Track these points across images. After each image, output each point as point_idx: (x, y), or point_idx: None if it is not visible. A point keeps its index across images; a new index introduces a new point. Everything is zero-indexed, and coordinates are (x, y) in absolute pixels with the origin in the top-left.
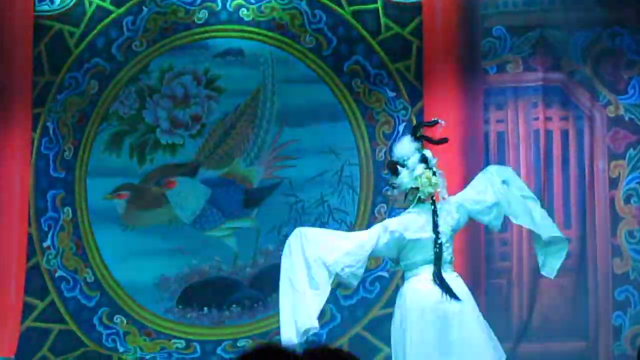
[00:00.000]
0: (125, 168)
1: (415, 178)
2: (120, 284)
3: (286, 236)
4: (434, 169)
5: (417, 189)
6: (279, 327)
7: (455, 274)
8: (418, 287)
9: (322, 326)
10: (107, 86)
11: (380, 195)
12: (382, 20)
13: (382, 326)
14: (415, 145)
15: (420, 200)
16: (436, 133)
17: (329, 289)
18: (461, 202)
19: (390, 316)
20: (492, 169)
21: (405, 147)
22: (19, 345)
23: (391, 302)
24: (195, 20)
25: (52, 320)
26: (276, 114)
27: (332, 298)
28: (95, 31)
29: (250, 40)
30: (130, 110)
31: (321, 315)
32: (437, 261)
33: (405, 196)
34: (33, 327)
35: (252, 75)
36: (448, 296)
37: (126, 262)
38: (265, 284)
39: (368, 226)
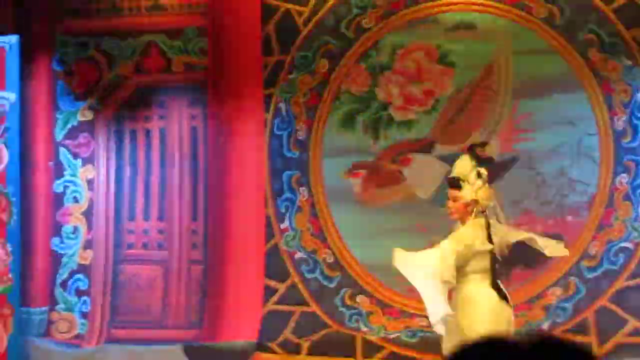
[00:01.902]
0: (360, 146)
1: (475, 192)
2: (360, 263)
3: (527, 210)
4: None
5: (477, 201)
6: (523, 302)
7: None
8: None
9: (567, 299)
10: (338, 64)
11: (621, 165)
12: None
13: (628, 297)
14: (472, 162)
15: (478, 213)
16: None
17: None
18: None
19: (636, 287)
20: None
21: (465, 164)
22: (261, 328)
23: (636, 273)
24: None
25: (294, 303)
26: (511, 87)
27: (576, 270)
28: (323, 9)
29: (482, 14)
30: (362, 87)
31: (565, 288)
32: (493, 270)
33: (466, 209)
34: (274, 310)
35: (485, 49)
36: (505, 302)
37: (364, 241)
38: (507, 259)
39: (610, 198)
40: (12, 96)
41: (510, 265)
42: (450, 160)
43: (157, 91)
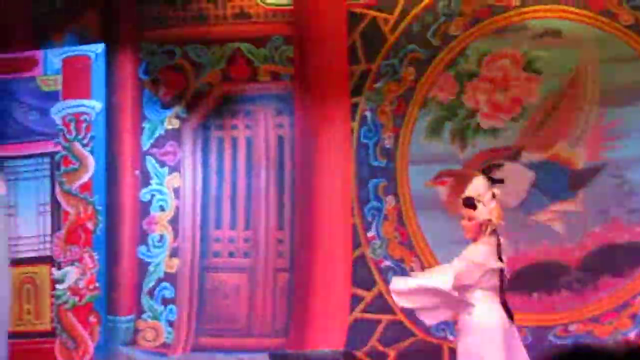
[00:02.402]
0: (447, 154)
1: (490, 212)
2: None
3: (614, 218)
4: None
5: (490, 221)
6: (610, 310)
7: None
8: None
9: None
10: (425, 72)
11: None
12: None
13: None
14: (487, 183)
15: (491, 232)
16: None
17: None
18: None
19: None
20: None
21: (481, 185)
22: (347, 336)
23: None
24: (512, 2)
25: (381, 311)
26: (598, 94)
27: None
28: (409, 17)
29: (568, 21)
30: (449, 95)
31: None
32: (502, 288)
33: (480, 228)
34: (361, 319)
35: (571, 56)
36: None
37: (452, 249)
38: (594, 267)
39: None
40: (98, 105)
41: (598, 273)
42: (537, 168)
43: (244, 99)
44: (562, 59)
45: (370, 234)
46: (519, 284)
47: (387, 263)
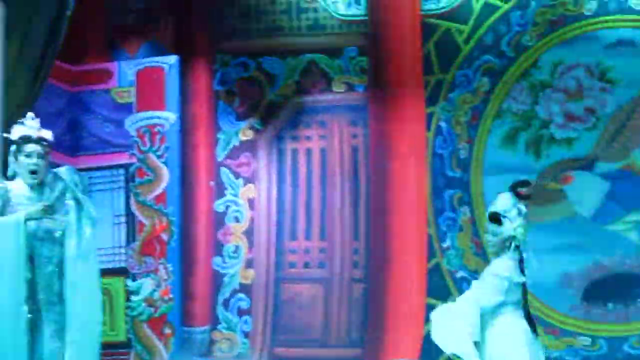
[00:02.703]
0: (521, 164)
1: (515, 228)
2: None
3: None
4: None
5: (514, 237)
6: None
7: None
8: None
9: None
10: (498, 82)
11: None
12: None
13: None
14: (513, 200)
15: (515, 248)
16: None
17: None
18: None
19: None
20: None
21: (507, 201)
22: (422, 347)
23: None
24: (584, 12)
25: None
26: None
27: None
28: (483, 27)
29: None
30: (523, 105)
31: None
32: (526, 302)
33: (504, 243)
34: None
35: None
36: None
37: (526, 258)
38: None
39: None
40: (172, 116)
41: None
42: (611, 178)
43: (318, 110)
44: (635, 68)
45: (445, 245)
46: (594, 294)
47: (462, 273)
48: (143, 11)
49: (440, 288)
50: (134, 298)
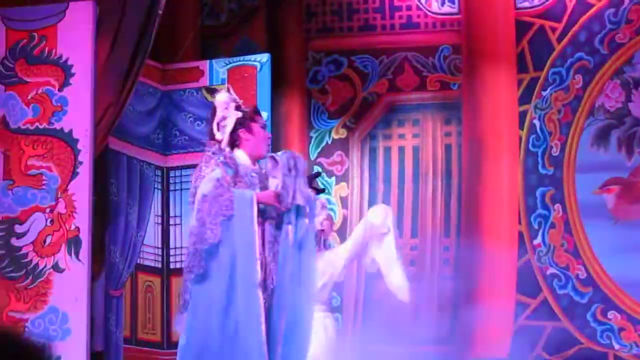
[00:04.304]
0: (613, 162)
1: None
2: (613, 279)
3: None
4: None
5: (323, 231)
6: None
7: None
8: None
9: None
10: (592, 80)
11: None
12: None
13: None
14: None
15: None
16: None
17: None
18: None
19: None
20: None
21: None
22: (512, 344)
23: None
24: None
25: (545, 318)
26: None
27: None
28: (577, 25)
29: None
30: (616, 103)
31: None
32: None
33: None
34: (526, 326)
35: None
36: None
37: (618, 256)
38: None
39: None
40: (264, 115)
41: None
42: None
43: (411, 109)
44: None
45: (536, 242)
46: None
47: (553, 270)
48: (235, 10)
49: (531, 285)
50: None
